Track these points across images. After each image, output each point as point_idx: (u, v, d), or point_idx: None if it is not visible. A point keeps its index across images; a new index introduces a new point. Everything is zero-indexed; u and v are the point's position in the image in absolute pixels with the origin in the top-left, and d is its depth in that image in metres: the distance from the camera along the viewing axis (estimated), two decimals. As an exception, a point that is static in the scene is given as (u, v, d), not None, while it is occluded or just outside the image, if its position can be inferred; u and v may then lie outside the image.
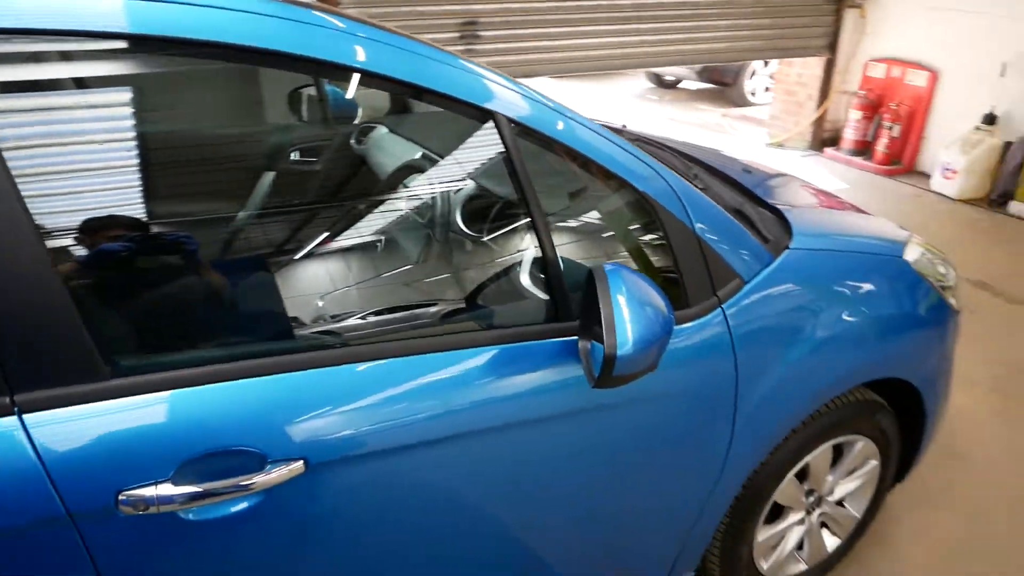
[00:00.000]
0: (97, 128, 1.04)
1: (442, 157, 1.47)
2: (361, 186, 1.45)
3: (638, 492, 1.49)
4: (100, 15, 0.92)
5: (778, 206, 1.83)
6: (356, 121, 1.48)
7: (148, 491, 0.96)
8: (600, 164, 1.32)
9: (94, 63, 1.00)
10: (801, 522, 1.92)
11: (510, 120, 1.22)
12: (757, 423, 1.56)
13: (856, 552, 2.12)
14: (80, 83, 1.02)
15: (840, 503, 1.98)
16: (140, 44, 0.97)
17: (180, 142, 1.17)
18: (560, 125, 1.28)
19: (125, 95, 1.08)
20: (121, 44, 0.97)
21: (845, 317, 1.65)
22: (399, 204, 1.42)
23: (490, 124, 1.21)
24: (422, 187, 1.45)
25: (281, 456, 1.04)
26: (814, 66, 6.36)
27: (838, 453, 1.88)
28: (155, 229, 1.08)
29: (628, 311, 1.12)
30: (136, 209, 1.06)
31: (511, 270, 1.36)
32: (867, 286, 1.73)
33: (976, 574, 2.10)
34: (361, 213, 1.35)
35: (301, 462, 1.05)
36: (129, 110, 1.08)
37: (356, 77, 1.16)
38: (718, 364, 1.45)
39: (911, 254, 1.87)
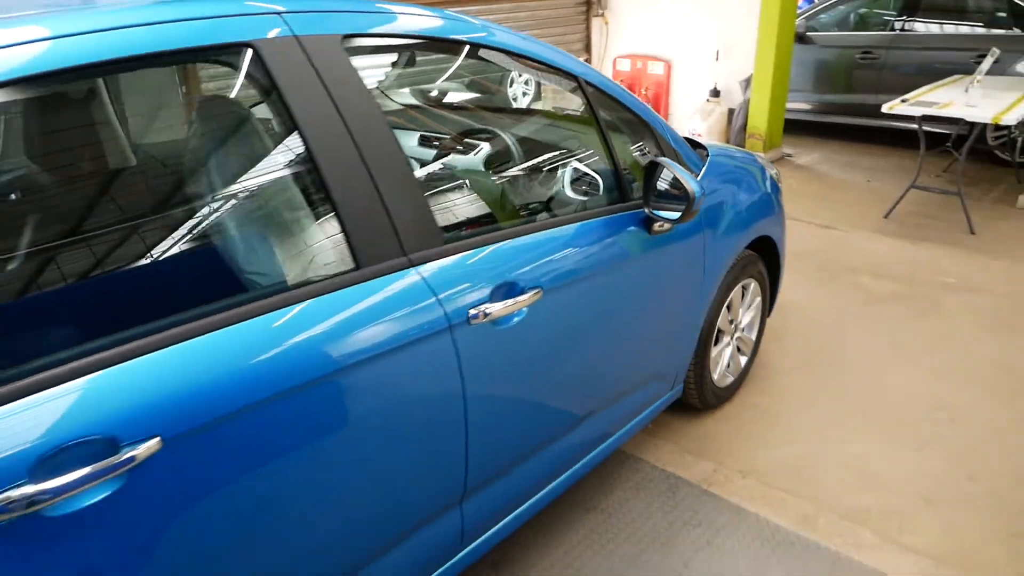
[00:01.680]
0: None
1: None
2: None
3: (666, 318, 2.32)
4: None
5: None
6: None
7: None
8: (629, 108, 2.15)
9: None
10: (727, 345, 2.88)
11: (587, 82, 2.00)
12: (712, 268, 2.47)
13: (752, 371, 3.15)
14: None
15: (744, 331, 2.99)
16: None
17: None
18: (611, 86, 2.08)
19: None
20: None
21: (743, 196, 2.63)
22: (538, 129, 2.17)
23: (576, 85, 1.98)
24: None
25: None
26: (576, 66, 7.70)
27: (742, 293, 2.87)
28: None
29: (688, 177, 1.95)
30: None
31: (597, 173, 2.12)
32: (751, 174, 2.74)
33: (818, 360, 3.23)
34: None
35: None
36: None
37: (504, 56, 1.88)
38: (695, 226, 2.34)
39: (761, 159, 2.93)
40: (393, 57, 1.99)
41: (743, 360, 3.02)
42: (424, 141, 2.31)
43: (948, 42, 6.28)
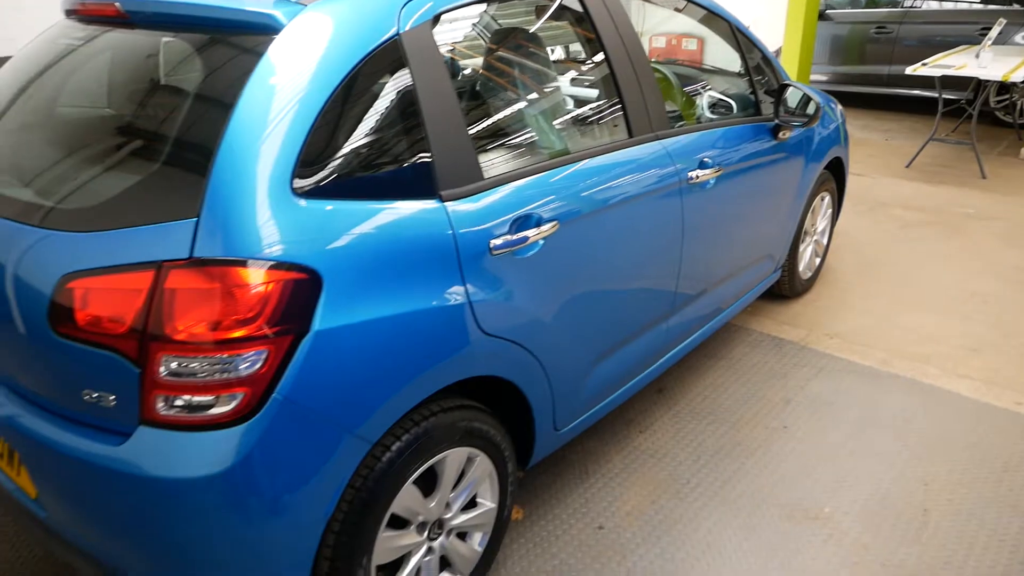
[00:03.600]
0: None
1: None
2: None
3: (780, 208, 3.09)
4: None
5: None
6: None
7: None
8: (758, 46, 2.92)
9: None
10: (808, 245, 3.65)
11: (736, 27, 2.76)
12: (807, 177, 3.24)
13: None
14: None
15: (819, 235, 3.75)
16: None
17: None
18: (748, 31, 2.85)
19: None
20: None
21: (825, 124, 3.40)
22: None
23: (728, 27, 2.75)
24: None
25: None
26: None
27: (821, 200, 3.64)
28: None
29: (813, 93, 2.72)
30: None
31: (747, 96, 2.88)
32: (829, 108, 3.51)
33: (871, 266, 4.01)
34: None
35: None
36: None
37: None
38: (799, 144, 3.10)
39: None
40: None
41: (817, 260, 3.80)
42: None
43: (955, 16, 7.09)
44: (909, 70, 5.57)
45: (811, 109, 2.77)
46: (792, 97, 2.83)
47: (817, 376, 3.04)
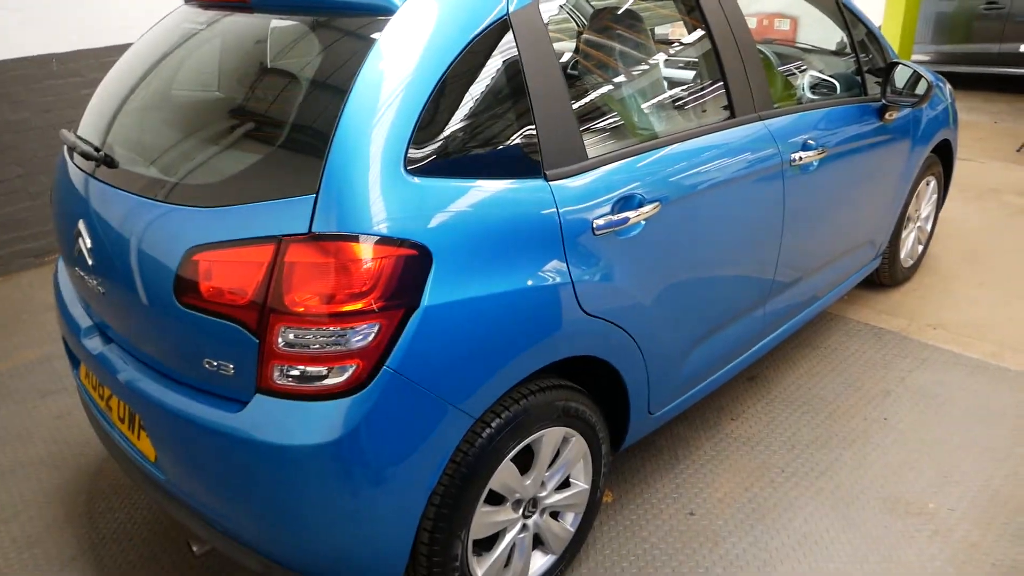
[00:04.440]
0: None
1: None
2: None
3: (884, 192, 2.96)
4: None
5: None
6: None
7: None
8: (866, 24, 2.80)
9: None
10: (911, 231, 3.49)
11: (842, 2, 2.65)
12: (913, 160, 3.09)
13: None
14: None
15: (923, 221, 3.58)
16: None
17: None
18: (849, 5, 2.73)
19: None
20: None
21: (933, 105, 3.24)
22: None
23: (834, 3, 2.64)
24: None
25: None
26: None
27: (926, 185, 3.47)
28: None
29: (924, 71, 2.58)
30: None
31: (851, 75, 2.77)
32: (939, 88, 3.34)
33: (977, 255, 3.80)
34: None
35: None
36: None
37: None
38: (906, 126, 2.96)
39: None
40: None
41: (920, 248, 3.63)
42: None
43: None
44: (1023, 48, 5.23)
45: (921, 89, 2.65)
46: (900, 77, 2.70)
47: (920, 367, 2.91)
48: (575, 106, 1.79)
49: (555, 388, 1.75)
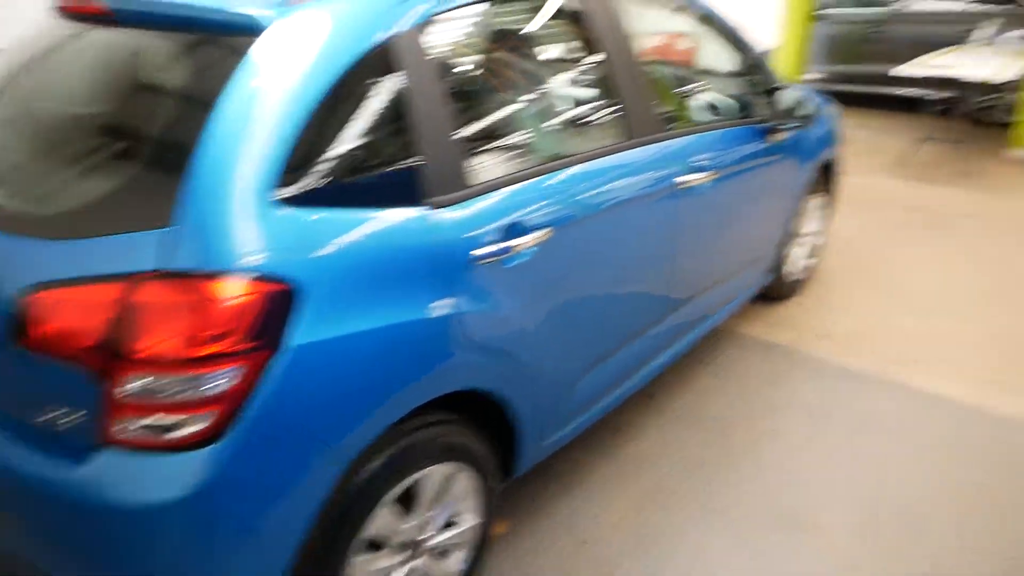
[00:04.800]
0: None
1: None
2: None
3: (773, 211, 3.05)
4: None
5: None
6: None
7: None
8: (749, 50, 2.87)
9: None
10: (801, 246, 3.61)
11: (726, 28, 2.70)
12: (800, 177, 3.20)
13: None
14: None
15: (812, 236, 3.72)
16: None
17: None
18: (733, 31, 2.79)
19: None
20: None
21: (820, 125, 3.36)
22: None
23: (719, 29, 2.69)
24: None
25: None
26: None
27: (813, 202, 3.59)
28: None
29: (808, 95, 2.67)
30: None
31: (741, 97, 2.82)
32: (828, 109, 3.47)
33: (864, 265, 3.98)
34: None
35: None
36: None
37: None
38: (792, 145, 3.06)
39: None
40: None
41: (810, 262, 3.76)
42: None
43: (945, 17, 7.06)
44: (900, 70, 5.54)
45: (805, 111, 2.73)
46: (786, 99, 2.78)
47: (807, 381, 3.00)
48: (464, 131, 1.73)
49: (438, 423, 1.68)
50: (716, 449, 2.60)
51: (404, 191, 1.56)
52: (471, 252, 1.64)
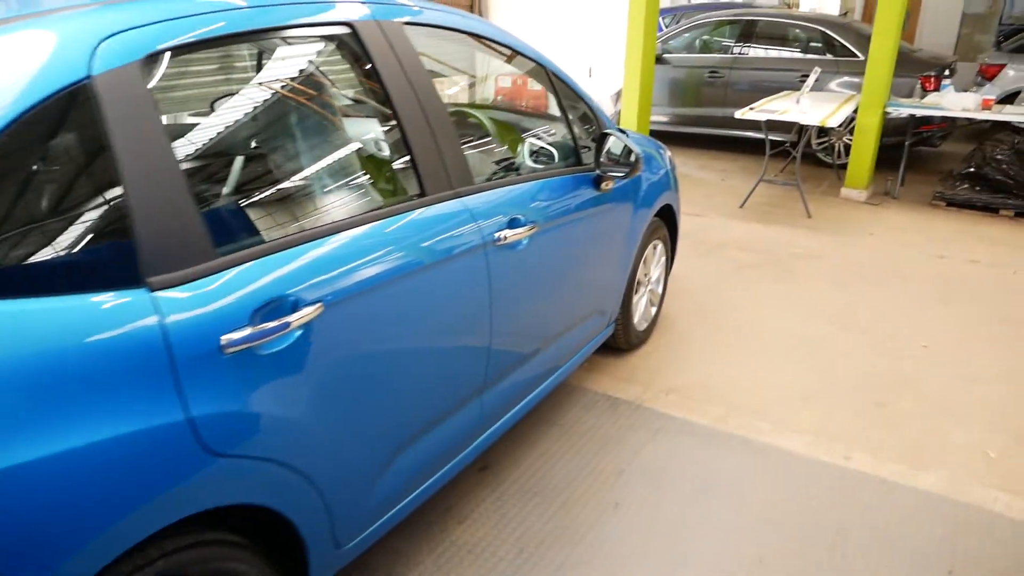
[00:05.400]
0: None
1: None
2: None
3: (607, 263, 2.90)
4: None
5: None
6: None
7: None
8: (577, 93, 2.73)
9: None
10: (643, 295, 3.51)
11: (553, 72, 2.55)
12: (636, 225, 3.09)
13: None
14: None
15: (653, 284, 3.63)
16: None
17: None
18: (566, 76, 2.65)
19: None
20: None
21: (654, 170, 3.28)
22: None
23: (545, 73, 2.53)
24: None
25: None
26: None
27: (653, 252, 3.51)
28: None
29: (633, 143, 2.54)
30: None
31: (566, 145, 2.66)
32: (657, 154, 3.40)
33: (708, 311, 3.94)
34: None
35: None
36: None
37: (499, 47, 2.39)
38: (625, 192, 2.94)
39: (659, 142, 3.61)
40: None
41: (653, 310, 3.67)
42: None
43: (778, 64, 7.44)
44: (738, 114, 5.71)
45: (632, 159, 2.60)
46: (616, 146, 2.65)
47: (652, 440, 2.85)
48: (204, 193, 1.43)
49: (195, 546, 1.35)
50: (555, 525, 2.37)
51: (113, 270, 1.24)
52: (215, 339, 1.34)
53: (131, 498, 1.22)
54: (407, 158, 1.88)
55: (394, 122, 1.87)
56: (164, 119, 1.35)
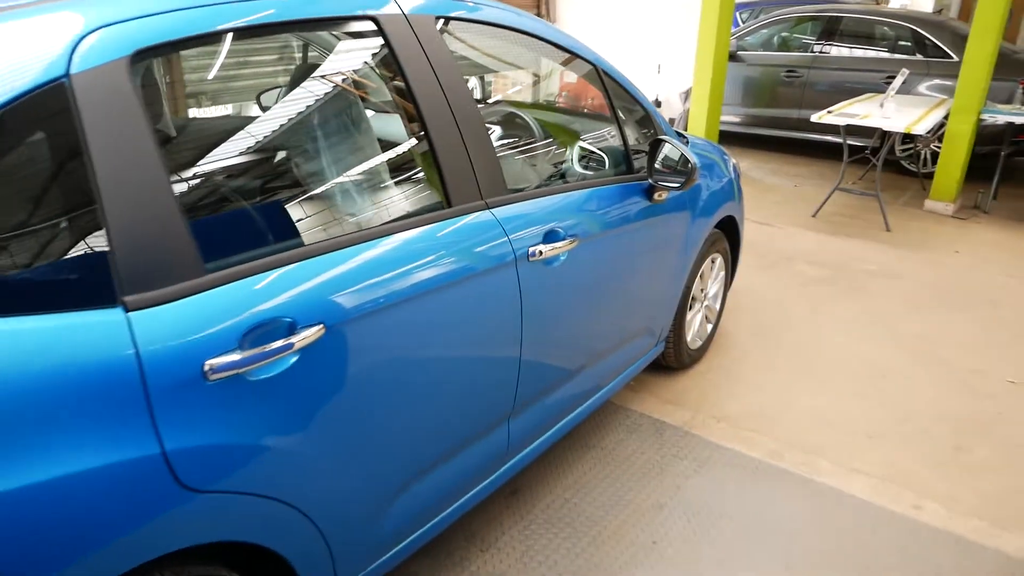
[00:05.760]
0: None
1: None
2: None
3: (658, 277, 2.69)
4: None
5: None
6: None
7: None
8: (633, 95, 2.52)
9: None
10: (698, 312, 3.28)
11: (605, 72, 2.36)
12: (692, 238, 2.87)
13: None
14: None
15: (711, 300, 3.40)
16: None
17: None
18: (622, 77, 2.45)
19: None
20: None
21: (715, 179, 3.05)
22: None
23: (595, 72, 2.34)
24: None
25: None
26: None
27: (711, 266, 3.28)
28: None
29: (689, 152, 2.33)
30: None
31: (617, 151, 2.47)
32: (720, 161, 3.16)
33: (769, 330, 3.68)
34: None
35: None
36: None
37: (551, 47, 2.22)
38: (681, 202, 2.73)
39: (724, 149, 3.36)
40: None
41: (708, 327, 3.43)
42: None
43: (861, 64, 7.00)
44: (814, 117, 5.36)
45: (688, 167, 2.38)
46: (672, 153, 2.43)
47: (698, 472, 2.64)
48: (193, 205, 1.31)
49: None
50: (584, 562, 2.20)
51: (83, 287, 1.13)
52: (197, 364, 1.21)
53: (94, 538, 1.11)
54: (429, 165, 1.73)
55: (417, 125, 1.72)
56: (149, 123, 1.23)
